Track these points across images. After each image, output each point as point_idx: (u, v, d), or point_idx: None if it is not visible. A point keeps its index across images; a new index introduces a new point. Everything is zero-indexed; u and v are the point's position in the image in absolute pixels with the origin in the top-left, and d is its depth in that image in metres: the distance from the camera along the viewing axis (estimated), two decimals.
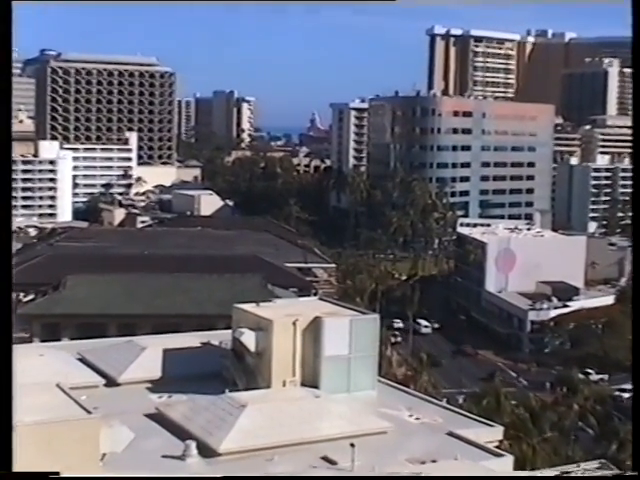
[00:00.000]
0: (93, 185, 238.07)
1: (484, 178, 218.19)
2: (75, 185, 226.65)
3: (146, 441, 29.66)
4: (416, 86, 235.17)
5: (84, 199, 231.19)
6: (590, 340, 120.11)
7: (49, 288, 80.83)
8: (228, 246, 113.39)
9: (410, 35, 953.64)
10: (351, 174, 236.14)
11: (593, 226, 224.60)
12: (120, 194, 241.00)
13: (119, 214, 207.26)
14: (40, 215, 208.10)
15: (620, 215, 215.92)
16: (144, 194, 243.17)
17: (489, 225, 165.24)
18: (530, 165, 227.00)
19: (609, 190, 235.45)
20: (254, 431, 29.30)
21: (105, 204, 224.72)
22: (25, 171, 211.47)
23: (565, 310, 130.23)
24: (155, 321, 68.90)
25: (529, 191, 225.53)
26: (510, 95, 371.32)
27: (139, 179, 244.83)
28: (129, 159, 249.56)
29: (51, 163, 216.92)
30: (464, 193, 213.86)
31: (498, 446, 32.43)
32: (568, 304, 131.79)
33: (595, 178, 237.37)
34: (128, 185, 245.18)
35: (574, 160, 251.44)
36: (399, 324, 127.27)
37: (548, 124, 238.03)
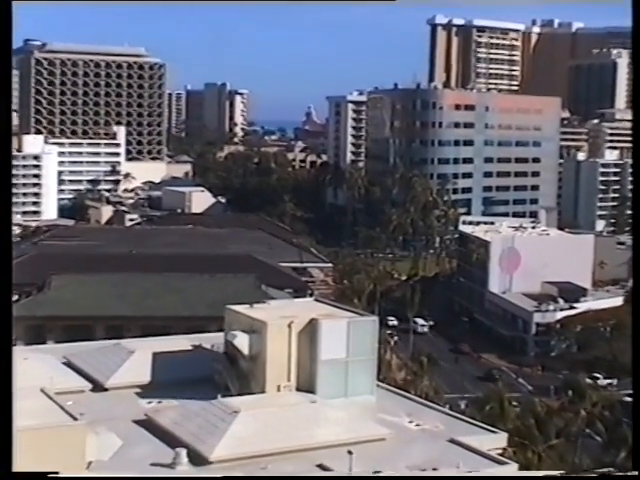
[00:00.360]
0: (79, 181, 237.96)
1: (487, 174, 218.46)
2: (60, 181, 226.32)
3: (134, 449, 29.65)
4: (416, 78, 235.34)
5: (70, 196, 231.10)
6: (598, 343, 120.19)
7: (33, 289, 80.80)
8: (220, 245, 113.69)
9: (410, 25, 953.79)
10: (349, 170, 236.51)
11: (601, 224, 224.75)
12: (108, 191, 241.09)
13: (106, 212, 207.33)
14: (24, 213, 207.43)
15: (629, 213, 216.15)
16: (133, 191, 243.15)
17: (492, 223, 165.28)
18: (535, 161, 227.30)
19: (618, 187, 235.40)
20: (247, 438, 29.30)
21: (92, 201, 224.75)
22: None
23: (572, 312, 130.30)
24: (144, 323, 68.98)
25: (534, 188, 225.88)
26: (514, 88, 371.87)
27: (127, 175, 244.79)
28: (117, 154, 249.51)
29: (35, 158, 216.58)
30: (466, 190, 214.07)
31: (502, 454, 32.48)
32: (575, 305, 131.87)
33: (603, 174, 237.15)
34: (116, 181, 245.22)
35: (581, 155, 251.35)
36: (393, 321, 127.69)
37: (554, 118, 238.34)
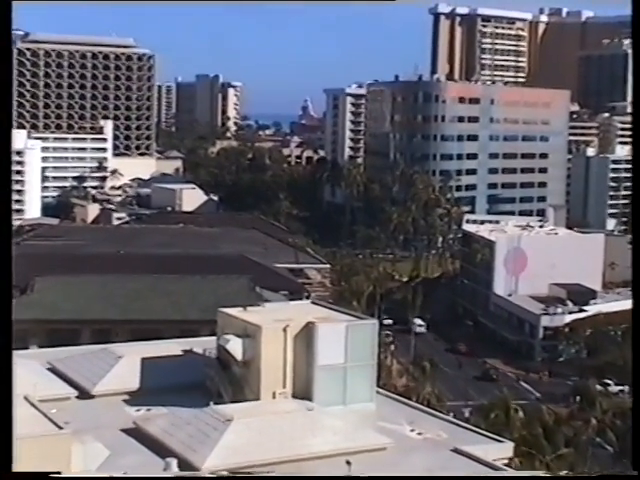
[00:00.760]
0: (64, 178, 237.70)
1: (492, 171, 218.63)
2: (44, 178, 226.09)
3: (123, 458, 29.64)
4: (418, 70, 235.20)
5: (54, 193, 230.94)
6: (609, 348, 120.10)
7: (16, 291, 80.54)
8: (212, 245, 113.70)
9: (411, 14, 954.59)
10: (347, 166, 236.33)
11: (612, 223, 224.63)
12: (94, 188, 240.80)
13: (93, 210, 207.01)
14: None
15: None
16: (120, 188, 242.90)
17: (498, 222, 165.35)
18: (543, 156, 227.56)
19: (629, 184, 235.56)
20: (241, 448, 29.29)
21: (77, 199, 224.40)
22: None
23: (581, 315, 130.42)
24: (133, 327, 69.05)
25: (542, 185, 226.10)
26: (521, 80, 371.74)
27: (115, 172, 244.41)
28: (104, 150, 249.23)
29: (18, 154, 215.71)
30: (470, 187, 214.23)
31: (508, 464, 32.49)
32: (584, 308, 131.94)
33: (614, 170, 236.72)
34: (103, 178, 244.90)
35: (591, 151, 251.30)
36: (388, 319, 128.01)
37: (563, 111, 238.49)
